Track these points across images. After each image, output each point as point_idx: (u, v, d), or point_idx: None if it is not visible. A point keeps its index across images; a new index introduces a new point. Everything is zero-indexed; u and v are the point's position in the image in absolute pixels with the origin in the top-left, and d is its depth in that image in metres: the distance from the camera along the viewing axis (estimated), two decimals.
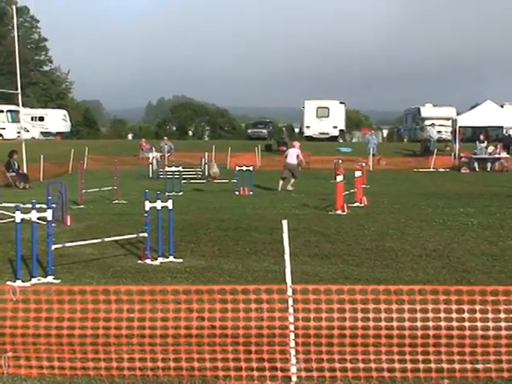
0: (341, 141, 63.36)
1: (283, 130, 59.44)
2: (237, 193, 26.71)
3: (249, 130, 71.42)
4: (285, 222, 6.73)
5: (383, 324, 6.39)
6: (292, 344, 6.42)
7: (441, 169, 42.24)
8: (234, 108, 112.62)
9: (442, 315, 6.35)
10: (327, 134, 62.76)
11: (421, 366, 6.25)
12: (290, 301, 6.46)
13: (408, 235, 15.32)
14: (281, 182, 28.12)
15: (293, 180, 28.06)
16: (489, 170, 40.92)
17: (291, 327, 6.44)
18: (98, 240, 12.87)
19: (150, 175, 35.68)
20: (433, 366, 6.25)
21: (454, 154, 44.69)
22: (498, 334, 6.32)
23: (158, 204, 12.52)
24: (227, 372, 6.31)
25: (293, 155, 28.44)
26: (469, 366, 6.27)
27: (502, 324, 6.33)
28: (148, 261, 12.23)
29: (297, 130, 76.72)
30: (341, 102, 64.42)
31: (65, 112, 74.93)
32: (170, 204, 12.61)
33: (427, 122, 57.58)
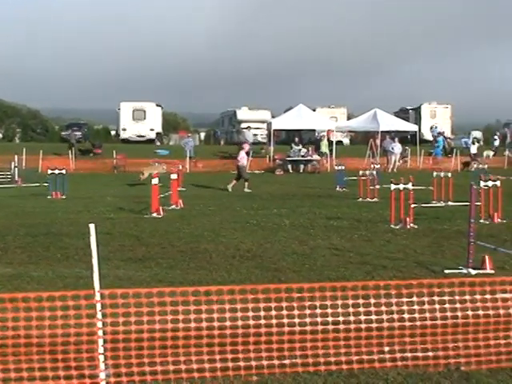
0: (158, 143, 63.17)
1: (70, 134, 57.26)
2: (49, 197, 25.87)
3: (62, 133, 69.39)
4: (92, 226, 6.57)
5: (193, 325, 6.38)
6: (100, 350, 6.28)
7: (256, 171, 43.08)
8: (46, 109, 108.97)
9: (251, 314, 6.43)
10: (144, 136, 62.38)
11: (230, 364, 6.31)
12: (98, 306, 6.30)
13: (222, 237, 15.49)
14: (246, 183, 28.90)
15: (234, 182, 28.94)
16: (302, 171, 42.30)
17: (99, 333, 6.29)
18: None
19: None
20: (242, 363, 6.33)
21: (269, 157, 45.81)
22: (303, 329, 6.50)
23: None
24: (32, 382, 6.06)
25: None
26: (276, 362, 6.40)
27: (308, 320, 6.51)
28: None
29: (113, 133, 75.51)
30: (157, 105, 64.20)
31: None
32: None
33: (243, 125, 58.64)
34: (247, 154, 31.27)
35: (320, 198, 25.11)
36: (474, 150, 47.94)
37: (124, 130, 62.64)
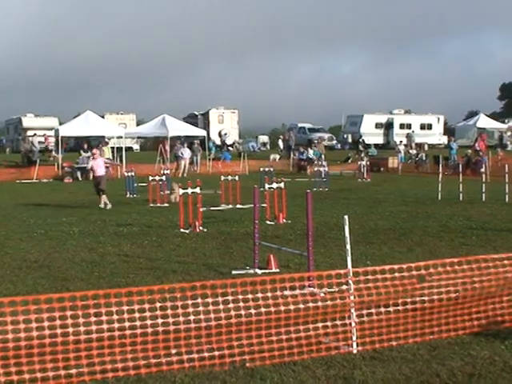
0: None
1: None
2: None
3: None
4: None
5: None
6: None
7: (44, 179, 41.88)
8: None
9: (34, 325, 6.29)
10: None
11: (15, 377, 6.14)
12: None
13: (8, 248, 14.98)
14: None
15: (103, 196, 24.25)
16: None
17: None
18: None
19: None
20: (27, 376, 6.18)
21: (58, 164, 44.67)
22: (89, 337, 6.44)
23: None
24: None
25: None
26: (63, 372, 6.31)
27: (94, 327, 6.46)
28: None
29: None
30: None
31: None
32: None
33: (30, 133, 56.90)
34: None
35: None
36: (311, 154, 48.97)
37: None
